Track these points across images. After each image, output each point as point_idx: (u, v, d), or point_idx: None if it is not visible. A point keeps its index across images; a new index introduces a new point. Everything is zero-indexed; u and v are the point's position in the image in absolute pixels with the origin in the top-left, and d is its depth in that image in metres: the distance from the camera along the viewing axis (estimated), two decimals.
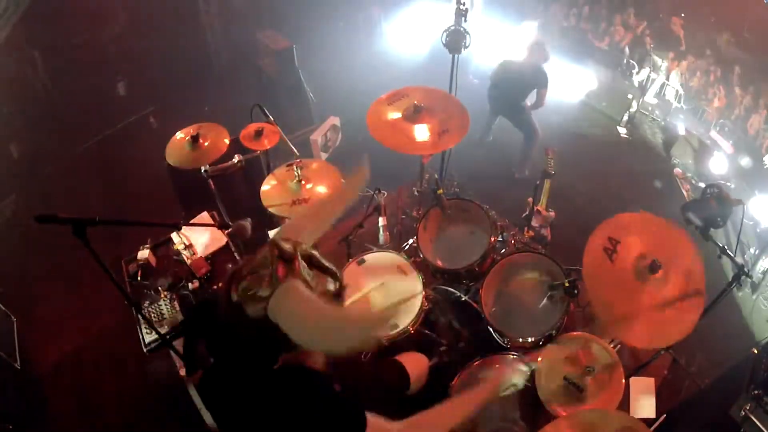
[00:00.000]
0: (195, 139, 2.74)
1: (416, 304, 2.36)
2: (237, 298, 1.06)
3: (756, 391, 2.35)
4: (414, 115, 2.51)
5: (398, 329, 2.28)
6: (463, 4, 2.62)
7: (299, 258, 1.09)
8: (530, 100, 4.14)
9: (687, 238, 1.84)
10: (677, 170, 4.56)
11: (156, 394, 2.99)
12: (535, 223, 3.60)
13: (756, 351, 2.61)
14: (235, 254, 2.86)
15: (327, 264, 1.15)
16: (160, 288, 2.72)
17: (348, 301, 1.21)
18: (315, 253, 1.15)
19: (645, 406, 2.48)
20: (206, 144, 2.76)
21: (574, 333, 2.28)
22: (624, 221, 1.92)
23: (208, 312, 1.35)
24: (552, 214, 3.75)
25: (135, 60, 5.23)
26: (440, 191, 2.66)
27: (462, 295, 2.63)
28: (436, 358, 2.45)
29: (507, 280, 2.53)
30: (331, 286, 1.13)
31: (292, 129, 4.48)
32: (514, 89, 4.01)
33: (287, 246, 1.09)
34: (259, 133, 2.86)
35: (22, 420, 2.90)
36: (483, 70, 5.02)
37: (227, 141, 2.79)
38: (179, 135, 2.83)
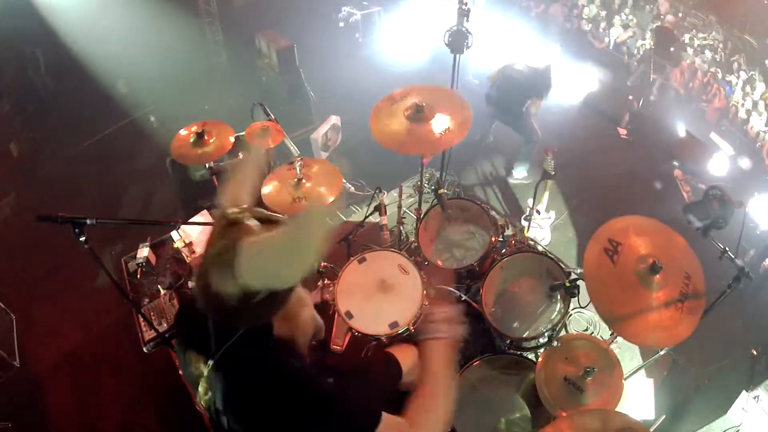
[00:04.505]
0: (200, 135, 2.74)
1: (417, 303, 2.36)
2: (213, 287, 1.03)
3: (756, 392, 2.35)
4: (417, 114, 2.50)
5: (399, 328, 2.28)
6: (466, 4, 2.62)
7: (250, 219, 1.08)
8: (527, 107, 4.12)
9: (683, 241, 1.86)
10: (677, 172, 4.57)
11: (156, 393, 2.98)
12: (534, 223, 3.60)
13: (756, 351, 2.62)
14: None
15: (277, 215, 1.15)
16: (159, 286, 2.72)
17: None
18: (262, 210, 1.14)
19: (645, 406, 2.48)
20: (211, 141, 2.76)
21: (574, 333, 2.28)
22: (624, 224, 1.92)
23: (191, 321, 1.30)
24: (552, 214, 3.76)
25: (135, 59, 5.23)
26: (441, 191, 2.66)
27: (462, 295, 2.63)
28: None
29: (507, 280, 2.53)
30: None
31: (292, 128, 4.49)
32: (512, 95, 4.00)
33: (234, 211, 1.09)
34: (264, 132, 2.86)
35: (22, 419, 2.91)
36: (483, 70, 5.02)
37: (232, 139, 2.80)
38: (184, 132, 2.82)
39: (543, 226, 3.69)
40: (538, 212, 3.56)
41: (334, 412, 1.13)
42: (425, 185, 3.52)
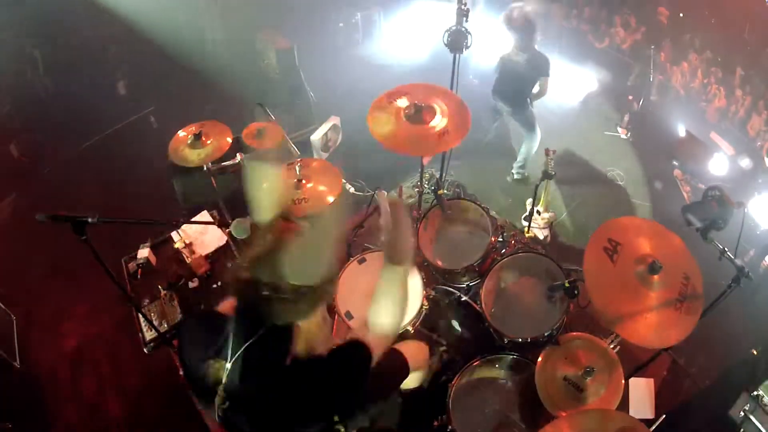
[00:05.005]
0: (198, 137, 2.75)
1: (416, 303, 2.36)
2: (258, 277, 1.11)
3: (756, 392, 2.35)
4: (415, 115, 2.51)
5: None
6: (465, 4, 2.62)
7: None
8: (534, 91, 4.05)
9: (681, 243, 1.87)
10: (677, 171, 4.57)
11: (156, 393, 2.98)
12: (534, 223, 3.61)
13: (756, 351, 2.61)
14: (235, 252, 2.86)
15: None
16: (160, 287, 2.72)
17: None
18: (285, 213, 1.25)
19: (645, 406, 2.48)
20: (209, 142, 2.76)
21: (574, 333, 2.28)
22: (625, 224, 1.94)
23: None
24: (552, 214, 3.76)
25: (135, 60, 5.23)
26: (440, 191, 2.66)
27: (462, 295, 2.64)
28: (435, 358, 2.46)
29: (507, 280, 2.53)
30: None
31: (292, 129, 4.49)
32: (519, 80, 3.93)
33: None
34: (261, 132, 2.87)
35: (22, 419, 2.91)
36: (483, 70, 5.01)
37: (230, 139, 2.80)
38: (182, 133, 2.83)
39: (543, 226, 3.69)
40: (539, 212, 3.57)
41: (335, 405, 1.17)
42: (425, 185, 3.52)
